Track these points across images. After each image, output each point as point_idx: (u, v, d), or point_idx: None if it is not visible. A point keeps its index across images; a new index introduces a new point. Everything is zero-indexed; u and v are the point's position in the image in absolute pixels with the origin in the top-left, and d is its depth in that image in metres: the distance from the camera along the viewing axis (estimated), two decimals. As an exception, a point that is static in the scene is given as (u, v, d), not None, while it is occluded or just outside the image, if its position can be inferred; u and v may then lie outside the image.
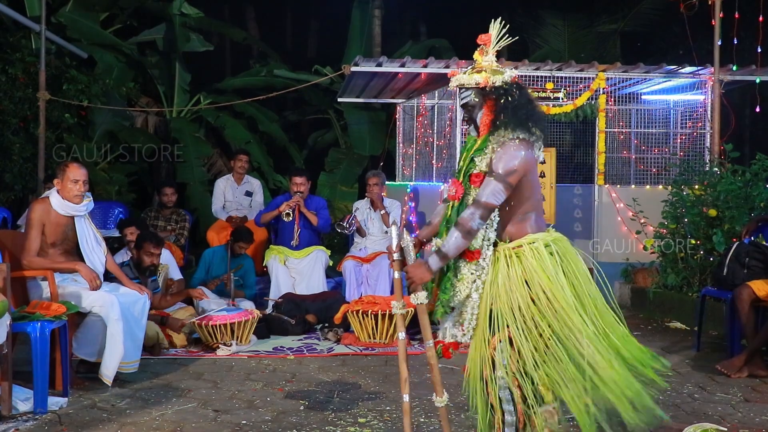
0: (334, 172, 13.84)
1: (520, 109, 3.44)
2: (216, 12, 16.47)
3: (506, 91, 3.47)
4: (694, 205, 7.88)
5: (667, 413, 4.72)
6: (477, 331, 3.59)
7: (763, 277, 5.91)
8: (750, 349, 5.62)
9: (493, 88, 3.46)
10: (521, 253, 3.46)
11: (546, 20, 15.74)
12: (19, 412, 4.57)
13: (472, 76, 3.49)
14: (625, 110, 9.89)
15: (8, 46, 10.47)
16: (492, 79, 3.46)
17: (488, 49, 3.54)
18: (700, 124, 9.31)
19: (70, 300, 5.17)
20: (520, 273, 3.43)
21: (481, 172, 3.43)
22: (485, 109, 3.50)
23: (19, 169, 10.07)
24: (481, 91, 3.49)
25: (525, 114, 3.45)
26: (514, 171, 3.36)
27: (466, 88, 3.52)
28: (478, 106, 3.52)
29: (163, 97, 13.51)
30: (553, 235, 3.58)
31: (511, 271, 3.45)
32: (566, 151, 11.92)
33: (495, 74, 3.47)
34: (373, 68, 9.03)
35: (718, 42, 8.68)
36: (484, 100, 3.50)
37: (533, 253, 3.46)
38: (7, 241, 5.34)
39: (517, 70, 8.43)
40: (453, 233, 3.39)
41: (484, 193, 3.37)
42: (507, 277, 3.45)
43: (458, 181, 3.57)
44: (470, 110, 3.55)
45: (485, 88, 3.47)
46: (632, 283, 8.87)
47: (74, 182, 5.32)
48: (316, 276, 7.98)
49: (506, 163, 3.36)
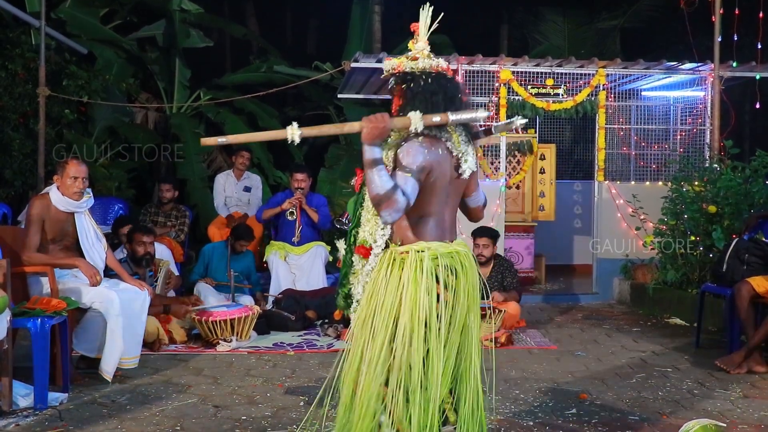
0: (333, 169, 13.81)
1: (424, 98, 3.23)
2: (216, 8, 16.44)
3: (413, 78, 3.28)
4: (694, 201, 7.89)
5: (666, 409, 4.75)
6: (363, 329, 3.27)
7: (763, 274, 5.92)
8: (749, 345, 5.63)
9: (402, 73, 3.31)
10: (405, 260, 3.21)
11: (546, 16, 15.71)
12: (20, 408, 4.58)
13: (391, 62, 3.35)
14: (625, 106, 9.88)
15: (8, 42, 10.45)
16: (405, 65, 3.31)
17: (418, 38, 3.39)
18: (700, 120, 9.31)
19: (70, 296, 5.17)
20: (397, 279, 3.20)
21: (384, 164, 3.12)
22: (396, 94, 3.34)
23: (18, 165, 10.06)
24: (397, 77, 3.33)
25: (429, 103, 3.22)
26: (423, 168, 3.11)
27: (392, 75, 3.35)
28: (393, 92, 3.36)
29: (163, 93, 13.49)
30: (451, 247, 3.27)
31: (390, 274, 3.22)
32: (566, 147, 11.94)
33: (414, 61, 3.31)
34: (373, 64, 9.03)
35: (718, 38, 8.68)
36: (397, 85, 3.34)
37: (416, 262, 3.19)
38: (7, 237, 5.34)
39: (517, 66, 8.37)
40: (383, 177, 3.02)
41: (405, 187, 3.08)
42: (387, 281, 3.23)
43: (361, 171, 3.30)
44: (394, 97, 3.37)
45: (397, 72, 3.32)
46: (632, 279, 8.88)
47: (74, 179, 5.32)
48: (316, 272, 7.99)
49: (413, 158, 3.10)
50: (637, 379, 5.48)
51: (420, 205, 3.17)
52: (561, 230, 11.19)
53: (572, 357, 6.20)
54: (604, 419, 4.54)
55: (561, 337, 7.02)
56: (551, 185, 10.10)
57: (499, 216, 8.67)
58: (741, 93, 12.94)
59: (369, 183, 3.03)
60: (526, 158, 9.59)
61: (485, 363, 5.94)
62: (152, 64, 13.39)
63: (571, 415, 4.63)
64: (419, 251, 3.20)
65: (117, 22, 13.51)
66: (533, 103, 8.82)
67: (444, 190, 3.25)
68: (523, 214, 9.95)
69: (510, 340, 6.60)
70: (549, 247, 10.77)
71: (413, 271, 3.17)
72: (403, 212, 3.04)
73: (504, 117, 8.79)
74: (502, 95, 8.79)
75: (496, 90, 8.80)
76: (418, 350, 3.13)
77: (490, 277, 7.39)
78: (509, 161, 9.43)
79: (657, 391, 5.16)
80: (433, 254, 3.20)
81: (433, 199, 3.22)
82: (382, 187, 3.00)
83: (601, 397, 5.00)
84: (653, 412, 4.69)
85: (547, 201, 10.07)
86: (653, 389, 5.22)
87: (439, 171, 3.18)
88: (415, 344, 3.13)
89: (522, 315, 7.42)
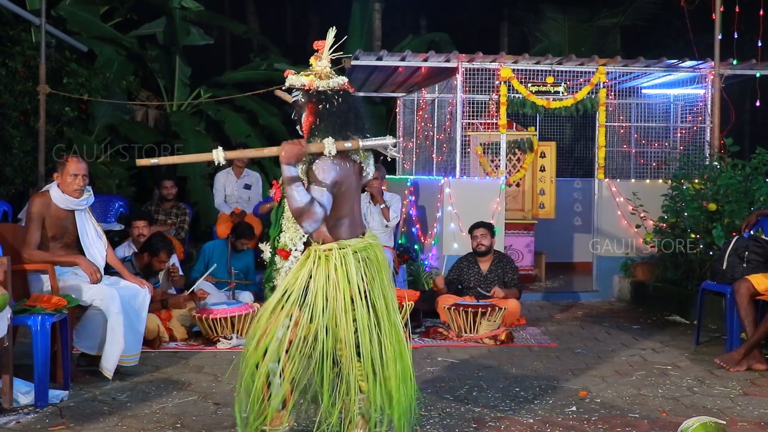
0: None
1: (338, 117, 3.60)
2: (216, 5, 16.44)
3: (327, 98, 3.63)
4: (694, 199, 7.89)
5: (666, 407, 4.75)
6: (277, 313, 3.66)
7: (763, 271, 5.92)
8: (749, 342, 5.64)
9: (315, 92, 3.64)
10: (330, 256, 3.64)
11: (546, 14, 15.72)
12: (20, 405, 4.58)
13: (300, 78, 3.66)
14: (626, 104, 9.89)
15: (8, 40, 10.46)
16: (316, 83, 3.63)
17: (322, 55, 3.70)
18: (700, 118, 9.31)
19: (71, 293, 5.18)
20: (325, 274, 3.62)
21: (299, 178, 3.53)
22: (307, 111, 3.67)
23: (19, 162, 10.07)
24: (307, 93, 3.66)
25: (342, 122, 3.61)
26: (335, 182, 3.56)
27: (296, 89, 3.68)
28: (304, 107, 3.69)
29: (164, 91, 13.50)
30: (365, 241, 3.74)
31: (318, 271, 3.62)
32: (566, 145, 11.94)
33: (322, 79, 3.65)
34: (374, 62, 9.03)
35: (719, 36, 8.67)
36: (308, 102, 3.66)
37: (341, 258, 3.62)
38: (7, 234, 5.35)
39: (517, 64, 8.41)
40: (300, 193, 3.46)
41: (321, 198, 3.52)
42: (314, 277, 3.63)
43: (278, 184, 3.70)
44: (298, 110, 3.71)
45: (309, 90, 3.64)
46: (632, 277, 8.89)
47: (74, 177, 5.32)
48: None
49: (327, 174, 3.54)
50: (636, 377, 5.49)
51: (335, 210, 3.63)
52: (561, 228, 11.19)
53: (572, 354, 6.21)
54: (604, 417, 4.55)
55: (561, 334, 7.03)
56: (551, 183, 10.10)
57: (500, 214, 8.68)
58: (741, 91, 12.95)
59: (289, 198, 3.47)
60: (527, 156, 9.58)
61: (485, 360, 5.97)
62: (152, 62, 13.39)
63: (570, 412, 4.64)
64: (341, 248, 3.64)
65: (117, 19, 13.51)
66: (533, 101, 8.82)
67: (353, 194, 3.74)
68: (524, 211, 9.96)
69: (510, 337, 6.61)
70: (549, 245, 10.78)
71: (340, 265, 3.60)
72: (321, 222, 3.51)
73: (504, 115, 8.80)
74: (503, 93, 8.79)
75: (496, 88, 8.80)
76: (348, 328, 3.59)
77: (489, 272, 7.41)
78: (509, 159, 9.43)
79: (657, 389, 5.17)
80: (353, 249, 3.65)
81: (346, 204, 3.68)
82: (301, 201, 3.45)
83: (601, 395, 5.01)
84: (653, 410, 4.69)
85: (548, 199, 10.07)
86: (653, 387, 5.22)
87: (348, 181, 3.66)
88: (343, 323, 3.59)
89: (522, 312, 7.43)
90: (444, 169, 9.43)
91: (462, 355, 6.16)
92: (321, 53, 3.71)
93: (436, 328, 6.83)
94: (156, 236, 6.83)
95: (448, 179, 8.81)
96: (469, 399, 4.89)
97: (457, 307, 6.69)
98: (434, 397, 4.92)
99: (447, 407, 4.69)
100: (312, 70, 3.69)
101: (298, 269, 3.67)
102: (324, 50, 3.71)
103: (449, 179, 8.81)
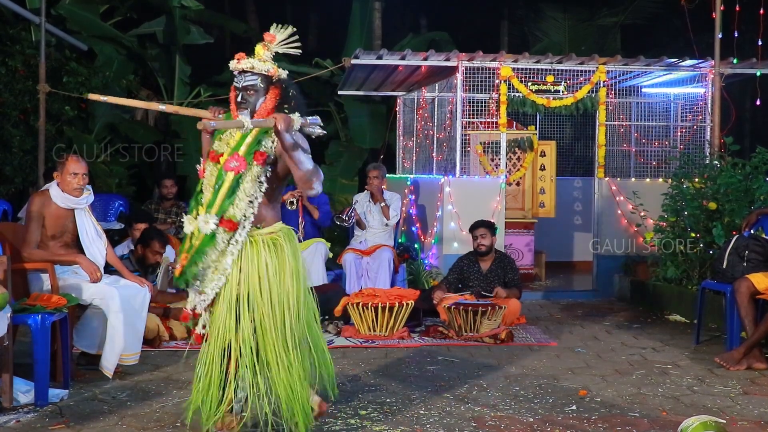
0: (334, 165, 13.82)
1: (299, 102, 3.88)
2: (216, 4, 16.44)
3: (289, 85, 3.90)
4: (694, 198, 7.89)
5: (666, 406, 4.75)
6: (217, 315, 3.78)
7: (763, 270, 5.92)
8: (749, 341, 5.64)
9: (278, 79, 3.85)
10: (277, 241, 3.76)
11: (546, 13, 15.71)
12: (20, 404, 4.58)
13: (265, 64, 3.83)
14: (626, 103, 9.89)
15: (8, 39, 10.47)
16: (279, 72, 3.86)
17: (271, 47, 3.88)
18: (700, 117, 9.30)
19: (71, 292, 5.18)
20: (277, 261, 3.72)
21: (266, 151, 3.73)
22: (269, 96, 3.82)
23: (19, 161, 10.08)
24: (268, 80, 3.83)
25: (300, 105, 3.88)
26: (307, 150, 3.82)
27: (253, 74, 3.80)
28: (262, 92, 3.82)
29: (164, 90, 13.50)
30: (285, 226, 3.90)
31: (270, 257, 3.72)
32: (566, 144, 11.93)
33: (281, 69, 3.88)
34: (374, 61, 9.03)
35: (719, 35, 8.66)
36: (268, 88, 3.83)
37: (287, 242, 3.78)
38: (7, 233, 5.34)
39: (517, 62, 8.42)
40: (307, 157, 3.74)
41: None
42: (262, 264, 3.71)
43: (242, 156, 3.73)
44: (252, 95, 3.81)
45: (272, 77, 3.83)
46: (632, 275, 8.88)
47: (73, 176, 5.32)
48: (316, 268, 7.99)
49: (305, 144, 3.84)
50: (636, 376, 5.49)
51: (281, 188, 3.95)
52: (561, 227, 11.19)
53: (572, 353, 6.21)
54: (604, 416, 4.54)
55: (561, 333, 7.03)
56: (551, 182, 10.10)
57: (500, 213, 8.67)
58: (741, 90, 12.94)
59: (299, 163, 3.67)
60: (527, 155, 9.59)
61: (486, 359, 5.97)
62: (152, 61, 13.39)
63: (570, 411, 4.64)
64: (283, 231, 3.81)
65: (117, 18, 13.51)
66: (533, 100, 8.82)
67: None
68: (524, 210, 9.96)
69: (510, 336, 6.61)
70: (549, 244, 10.78)
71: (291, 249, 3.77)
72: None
73: (504, 114, 8.80)
74: (503, 92, 8.78)
75: (496, 87, 8.80)
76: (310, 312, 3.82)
77: (490, 271, 7.40)
78: (509, 158, 9.43)
79: (657, 388, 5.17)
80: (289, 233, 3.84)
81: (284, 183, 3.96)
82: (310, 163, 3.72)
83: (601, 394, 5.01)
84: (653, 409, 4.69)
85: (548, 198, 10.07)
86: (653, 386, 5.22)
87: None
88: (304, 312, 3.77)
89: (522, 311, 7.43)
90: (444, 168, 9.43)
91: (462, 354, 6.16)
92: (272, 43, 3.87)
93: (436, 327, 6.83)
94: (148, 228, 6.85)
95: (448, 178, 8.80)
96: (469, 398, 4.89)
97: (457, 306, 6.69)
98: (434, 395, 4.92)
99: (447, 406, 4.69)
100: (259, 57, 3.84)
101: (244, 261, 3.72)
102: (274, 43, 3.88)
103: (449, 178, 8.80)
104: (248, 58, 3.83)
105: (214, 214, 3.67)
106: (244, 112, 3.79)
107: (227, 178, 3.70)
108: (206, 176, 3.82)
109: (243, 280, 3.72)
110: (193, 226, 3.73)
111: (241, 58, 3.84)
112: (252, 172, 3.71)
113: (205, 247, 3.67)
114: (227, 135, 3.83)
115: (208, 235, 3.66)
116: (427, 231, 9.33)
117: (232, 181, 3.69)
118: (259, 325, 3.70)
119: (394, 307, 6.57)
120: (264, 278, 3.70)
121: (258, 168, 3.73)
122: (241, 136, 3.77)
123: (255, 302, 3.70)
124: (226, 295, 3.75)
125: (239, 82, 3.82)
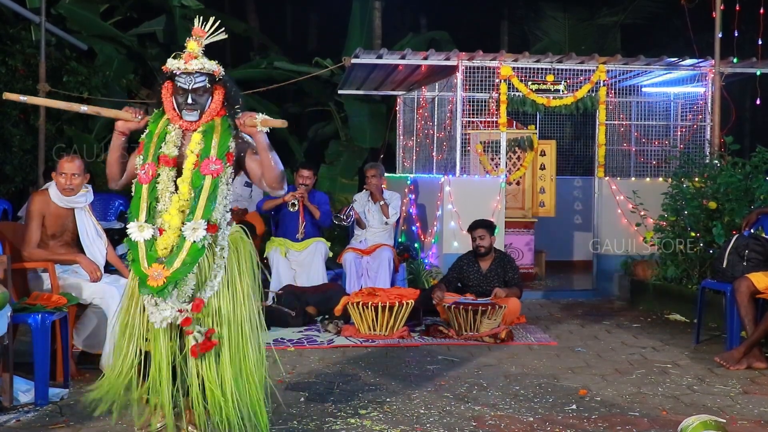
0: (334, 165, 13.83)
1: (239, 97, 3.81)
2: (216, 4, 16.43)
3: (231, 82, 3.79)
4: (694, 197, 7.89)
5: (666, 405, 4.75)
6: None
7: (763, 270, 5.92)
8: (749, 341, 5.64)
9: (220, 78, 3.75)
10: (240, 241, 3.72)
11: (546, 12, 15.72)
12: (21, 404, 4.58)
13: (212, 62, 3.76)
14: (626, 102, 9.89)
15: (8, 38, 10.47)
16: (220, 69, 3.77)
17: (202, 40, 3.81)
18: (700, 116, 9.30)
19: (71, 291, 5.18)
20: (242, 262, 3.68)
21: (233, 152, 3.65)
22: (216, 96, 3.72)
23: (19, 161, 10.08)
24: (212, 79, 3.73)
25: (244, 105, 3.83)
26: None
27: (201, 74, 3.70)
28: (209, 92, 3.71)
29: (163, 89, 13.50)
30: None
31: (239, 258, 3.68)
32: (566, 143, 11.93)
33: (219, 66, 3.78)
34: (374, 60, 9.02)
35: (719, 34, 8.67)
36: (213, 87, 3.72)
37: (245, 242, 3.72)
38: (7, 232, 5.34)
39: (517, 62, 8.41)
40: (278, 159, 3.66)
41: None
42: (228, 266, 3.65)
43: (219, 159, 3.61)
44: (202, 95, 3.69)
45: (216, 76, 3.74)
46: (632, 275, 8.88)
47: (62, 176, 5.32)
48: (316, 267, 7.99)
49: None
50: (636, 375, 5.49)
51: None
52: (561, 226, 11.19)
53: (572, 353, 6.21)
54: (604, 415, 4.55)
55: (561, 333, 7.03)
56: (551, 181, 10.10)
57: (499, 212, 8.67)
58: (741, 89, 12.94)
59: (273, 164, 3.62)
60: (527, 154, 9.58)
61: (485, 359, 5.97)
62: (152, 61, 13.39)
63: (570, 410, 4.64)
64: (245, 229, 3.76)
65: (117, 18, 13.52)
66: (533, 99, 8.82)
67: None
68: (524, 210, 9.96)
69: (510, 335, 6.61)
70: (549, 243, 10.78)
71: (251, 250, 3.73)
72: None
73: (504, 114, 8.80)
74: (503, 91, 8.78)
75: (496, 86, 8.80)
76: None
77: (489, 271, 7.40)
78: (509, 157, 9.43)
79: (657, 387, 5.17)
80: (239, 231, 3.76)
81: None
82: (281, 166, 3.66)
83: (601, 393, 5.01)
84: (653, 408, 4.69)
85: (548, 197, 10.07)
86: (653, 385, 5.22)
87: None
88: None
89: (522, 311, 7.43)
90: (444, 167, 9.43)
91: (462, 353, 6.16)
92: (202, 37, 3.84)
93: (436, 326, 6.83)
94: None
95: (448, 177, 8.80)
96: (469, 397, 4.89)
97: (457, 306, 6.69)
98: (434, 395, 4.92)
99: (447, 405, 4.70)
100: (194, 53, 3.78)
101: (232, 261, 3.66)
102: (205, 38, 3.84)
103: (449, 177, 8.80)
104: (198, 59, 3.73)
105: (201, 219, 3.52)
106: (194, 113, 3.66)
107: (206, 182, 3.57)
108: (161, 181, 3.62)
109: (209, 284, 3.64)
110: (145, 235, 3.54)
111: (190, 58, 3.73)
112: (225, 174, 3.62)
113: (197, 257, 3.49)
114: (173, 137, 3.67)
115: (196, 244, 3.49)
116: (427, 230, 9.33)
117: (211, 184, 3.57)
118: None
119: (394, 306, 6.57)
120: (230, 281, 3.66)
121: (229, 169, 3.64)
122: (204, 138, 3.64)
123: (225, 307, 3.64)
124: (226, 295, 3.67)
125: (187, 83, 3.68)
